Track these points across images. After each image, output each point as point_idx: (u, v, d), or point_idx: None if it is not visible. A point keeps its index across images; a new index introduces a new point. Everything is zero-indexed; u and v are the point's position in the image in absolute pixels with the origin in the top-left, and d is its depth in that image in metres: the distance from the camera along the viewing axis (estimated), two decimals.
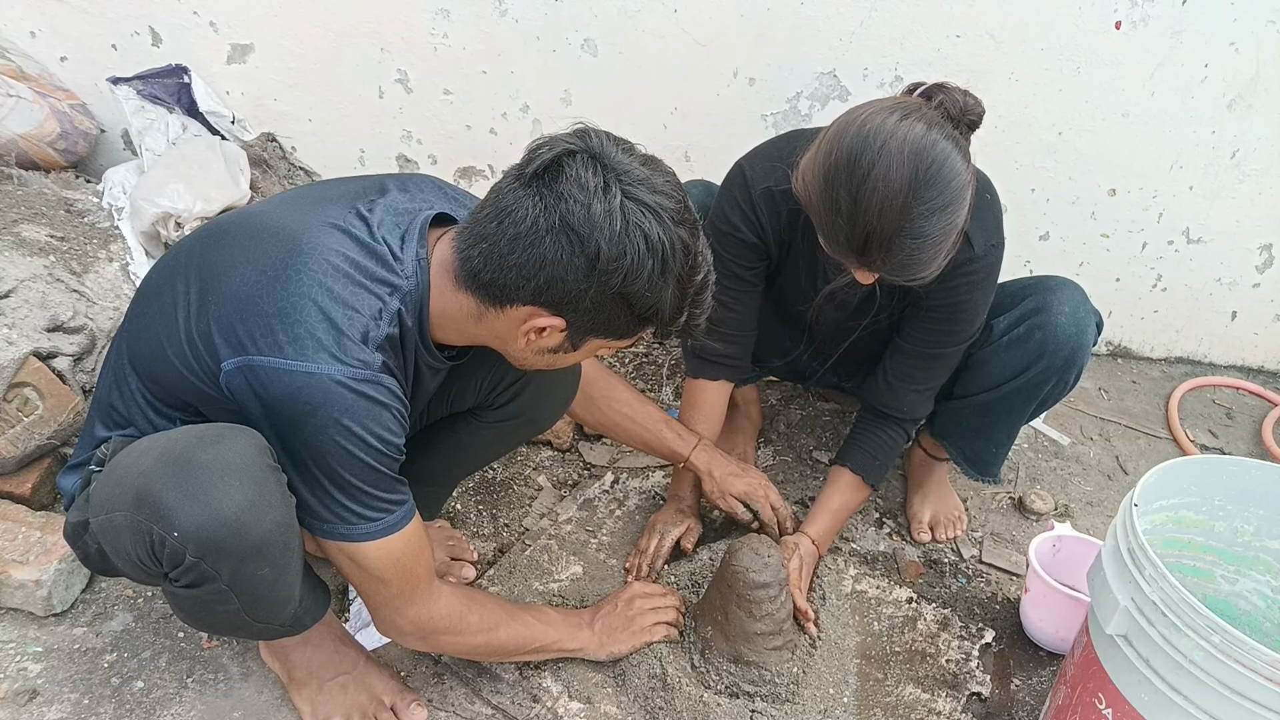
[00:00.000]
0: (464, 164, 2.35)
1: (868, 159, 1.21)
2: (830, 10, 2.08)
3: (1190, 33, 2.09)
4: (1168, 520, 1.33)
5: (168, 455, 1.01)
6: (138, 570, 1.07)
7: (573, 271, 1.00)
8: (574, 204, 0.98)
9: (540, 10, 2.10)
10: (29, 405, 1.55)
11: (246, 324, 1.01)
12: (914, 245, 1.23)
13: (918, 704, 1.50)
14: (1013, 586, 1.78)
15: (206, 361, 1.04)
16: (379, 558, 1.12)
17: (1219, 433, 2.40)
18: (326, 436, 1.01)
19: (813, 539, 1.65)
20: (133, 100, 2.12)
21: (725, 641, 1.46)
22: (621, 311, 1.06)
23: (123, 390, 1.15)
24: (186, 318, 1.06)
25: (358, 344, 1.02)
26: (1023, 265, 2.45)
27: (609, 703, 1.45)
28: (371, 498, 1.08)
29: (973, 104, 1.28)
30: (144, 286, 1.18)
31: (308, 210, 1.11)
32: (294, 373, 0.99)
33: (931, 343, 1.58)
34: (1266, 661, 0.93)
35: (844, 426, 2.17)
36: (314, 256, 1.04)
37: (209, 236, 1.15)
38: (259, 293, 1.02)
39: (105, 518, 1.04)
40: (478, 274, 1.04)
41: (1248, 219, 2.40)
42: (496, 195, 1.04)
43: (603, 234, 0.99)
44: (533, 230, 1.00)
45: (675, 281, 1.05)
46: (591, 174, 0.99)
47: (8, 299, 1.61)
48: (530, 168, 1.02)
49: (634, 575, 1.68)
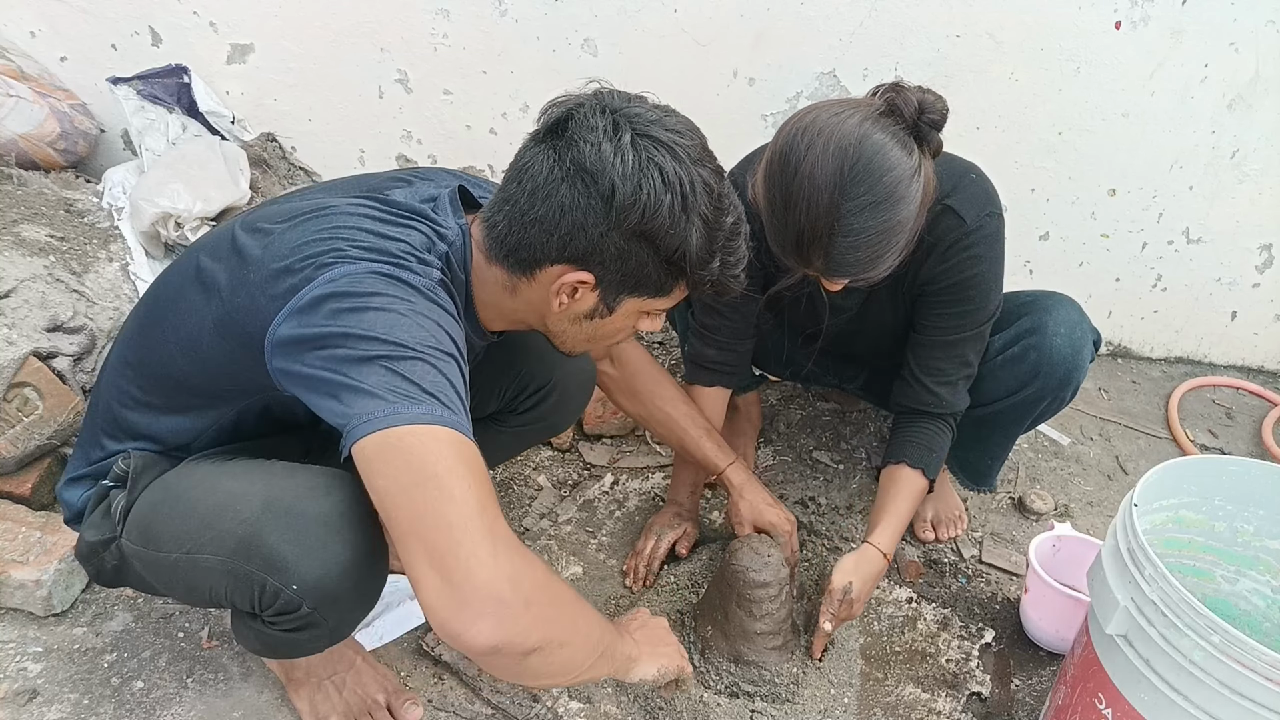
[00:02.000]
0: (464, 164, 2.34)
1: (795, 157, 1.20)
2: (830, 10, 2.08)
3: (1190, 33, 2.09)
4: (1168, 520, 1.33)
5: (275, 506, 1.00)
6: (212, 604, 1.09)
7: (591, 215, 0.98)
8: (584, 145, 0.98)
9: (540, 10, 2.10)
10: (29, 405, 1.55)
11: (287, 278, 0.96)
12: (847, 244, 1.20)
13: (918, 704, 1.50)
14: (1013, 586, 1.78)
15: (251, 333, 0.98)
16: (456, 451, 0.88)
17: (1219, 433, 2.40)
18: (371, 308, 0.92)
19: (882, 550, 1.51)
20: (133, 100, 2.12)
21: (725, 641, 1.46)
22: (648, 256, 1.02)
23: (131, 400, 1.13)
24: (220, 307, 1.02)
25: (412, 258, 1.00)
26: (1022, 265, 2.45)
27: (609, 702, 1.45)
28: (439, 378, 0.92)
29: (931, 101, 1.24)
30: (153, 297, 1.15)
31: (325, 196, 1.10)
32: (340, 274, 0.94)
33: (949, 328, 1.52)
34: (1266, 661, 0.92)
35: (844, 426, 2.17)
36: (342, 211, 1.03)
37: (220, 239, 1.09)
38: (293, 247, 0.98)
39: (187, 557, 1.04)
40: (504, 238, 1.03)
41: (1248, 219, 2.40)
42: (517, 158, 1.04)
43: (615, 170, 0.97)
44: (549, 180, 0.99)
45: (700, 220, 1.01)
46: (600, 117, 0.99)
47: (8, 299, 1.61)
48: (542, 125, 1.02)
49: (631, 577, 1.68)
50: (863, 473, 2.05)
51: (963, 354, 1.54)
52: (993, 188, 1.48)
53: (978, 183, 1.46)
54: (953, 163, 1.45)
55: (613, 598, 1.65)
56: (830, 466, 2.05)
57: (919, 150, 1.23)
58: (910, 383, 1.58)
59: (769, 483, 1.99)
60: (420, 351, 0.91)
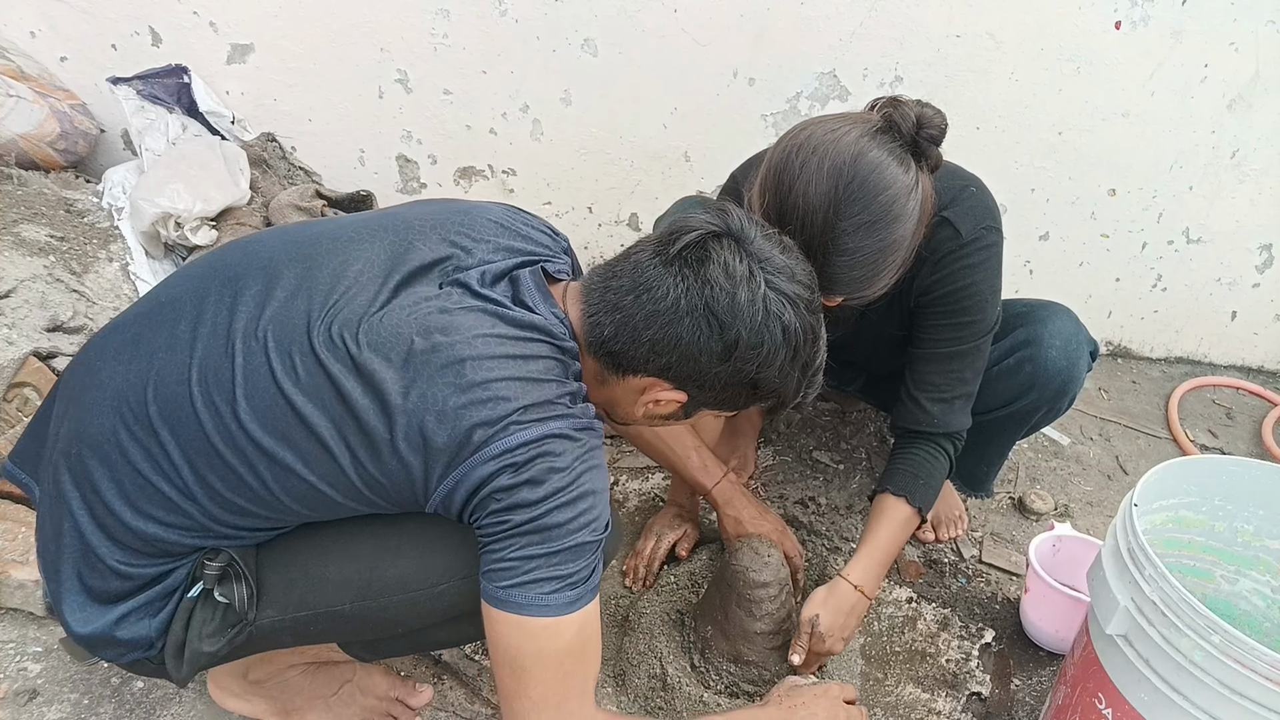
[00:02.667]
0: (464, 164, 2.35)
1: (790, 175, 1.18)
2: (830, 10, 2.08)
3: (1190, 33, 2.09)
4: (1168, 520, 1.33)
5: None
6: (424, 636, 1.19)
7: (708, 355, 1.00)
8: (719, 291, 0.98)
9: (540, 10, 2.10)
10: (29, 405, 1.55)
11: (452, 439, 0.94)
12: (842, 263, 1.19)
13: (918, 704, 1.50)
14: (1013, 586, 1.78)
15: (401, 493, 0.98)
16: (575, 630, 0.99)
17: (1219, 433, 2.40)
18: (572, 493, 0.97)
19: (852, 582, 1.44)
20: (133, 100, 2.12)
21: (725, 641, 1.46)
22: (745, 393, 1.07)
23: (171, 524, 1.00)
24: (352, 456, 0.95)
25: (565, 397, 1.00)
26: (1023, 265, 2.46)
27: (609, 702, 1.45)
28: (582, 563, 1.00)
29: (930, 116, 1.21)
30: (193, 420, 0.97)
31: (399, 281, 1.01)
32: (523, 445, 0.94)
33: (944, 340, 1.47)
34: (1266, 661, 0.92)
35: (844, 426, 2.17)
36: (469, 334, 0.97)
37: (302, 366, 0.96)
38: (452, 400, 0.94)
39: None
40: (606, 342, 1.03)
41: (1248, 219, 2.40)
42: (635, 269, 1.02)
43: (744, 323, 0.99)
44: (672, 310, 0.99)
45: (801, 369, 1.06)
46: (738, 261, 0.99)
47: (8, 299, 1.61)
48: (675, 247, 1.01)
49: (631, 577, 1.68)
50: (863, 473, 2.05)
51: (958, 370, 1.48)
52: (993, 202, 1.45)
53: (977, 196, 1.43)
54: (954, 175, 1.43)
55: (613, 598, 1.66)
56: (830, 466, 2.05)
57: (917, 166, 1.21)
58: (906, 401, 1.53)
59: (769, 483, 1.99)
60: (602, 537, 1.00)
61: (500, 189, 2.37)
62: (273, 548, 1.07)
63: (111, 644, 1.02)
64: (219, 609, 1.04)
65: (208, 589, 1.03)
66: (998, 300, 1.48)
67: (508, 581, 0.95)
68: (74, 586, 1.00)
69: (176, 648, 1.04)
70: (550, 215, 2.43)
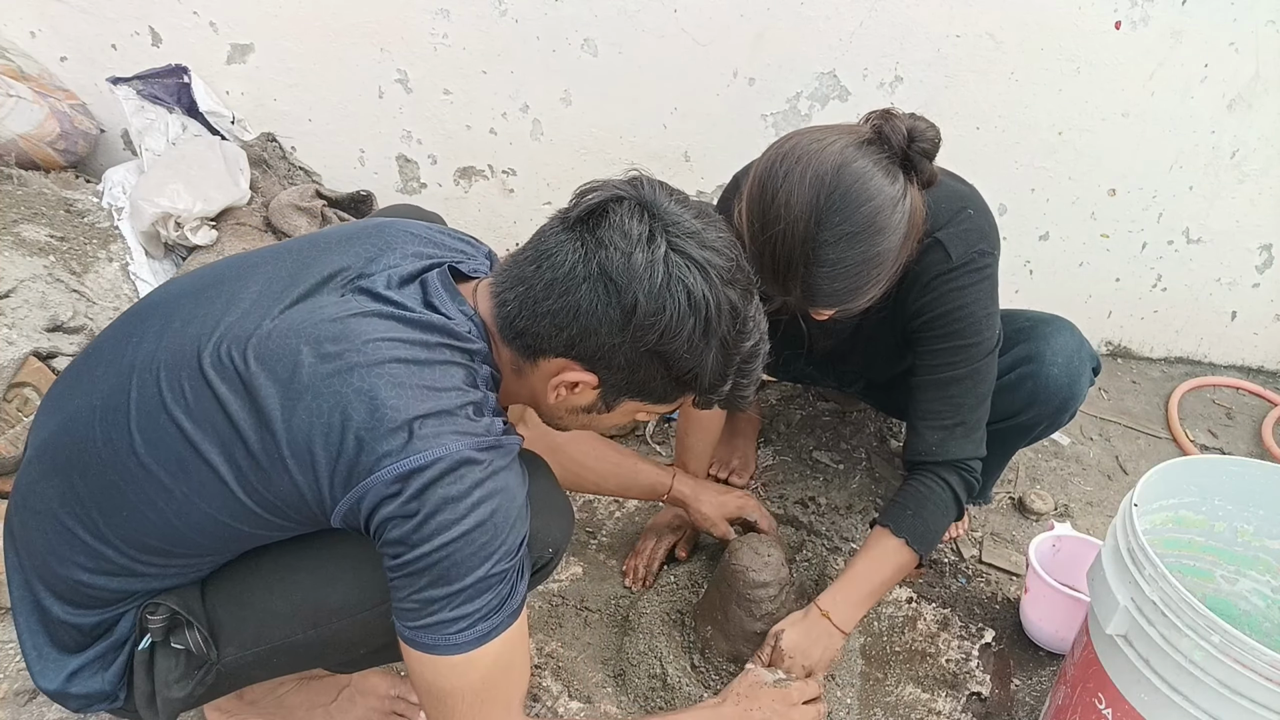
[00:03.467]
0: (464, 164, 2.35)
1: (773, 185, 1.17)
2: (830, 10, 2.08)
3: (1190, 33, 2.09)
4: (1168, 520, 1.33)
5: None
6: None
7: (607, 323, 0.93)
8: (614, 251, 0.91)
9: (540, 10, 2.10)
10: (29, 405, 1.55)
11: (349, 453, 0.88)
12: (823, 275, 1.18)
13: (918, 704, 1.50)
14: (1013, 586, 1.78)
15: (297, 509, 0.93)
16: (491, 660, 0.96)
17: (1219, 433, 2.40)
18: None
19: (824, 610, 1.40)
20: (133, 100, 2.12)
21: (725, 641, 1.46)
22: (658, 372, 0.98)
23: (102, 569, 0.97)
24: (244, 475, 0.91)
25: (469, 407, 0.92)
26: (1023, 265, 2.46)
27: (609, 702, 1.45)
28: (518, 587, 0.97)
29: (923, 129, 1.19)
30: (97, 461, 0.94)
31: (301, 309, 0.95)
32: (425, 466, 0.87)
33: (939, 365, 1.43)
34: (1266, 661, 0.92)
35: (844, 426, 2.17)
36: (368, 339, 0.91)
37: (184, 376, 0.92)
38: (323, 404, 0.88)
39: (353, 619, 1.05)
40: (512, 320, 0.97)
41: (1248, 219, 2.40)
42: (539, 238, 0.97)
43: (641, 285, 0.91)
44: (569, 276, 0.93)
45: (719, 345, 0.97)
46: (637, 221, 0.93)
47: (8, 299, 1.61)
48: (575, 211, 0.95)
49: (631, 577, 1.68)
50: (862, 473, 2.05)
51: (956, 395, 1.43)
52: (991, 225, 1.42)
53: (974, 219, 1.39)
54: (954, 195, 1.40)
55: (613, 598, 1.66)
56: (830, 466, 2.05)
57: (905, 179, 1.19)
58: (909, 430, 1.50)
59: (769, 483, 1.99)
60: (513, 563, 0.94)
61: (500, 189, 2.38)
62: (218, 584, 1.03)
63: (70, 698, 1.01)
64: (180, 655, 1.01)
65: (157, 641, 1.00)
66: (994, 323, 1.43)
67: (414, 623, 0.91)
68: (29, 642, 1.00)
69: (147, 698, 1.01)
70: (550, 215, 2.43)
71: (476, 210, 2.42)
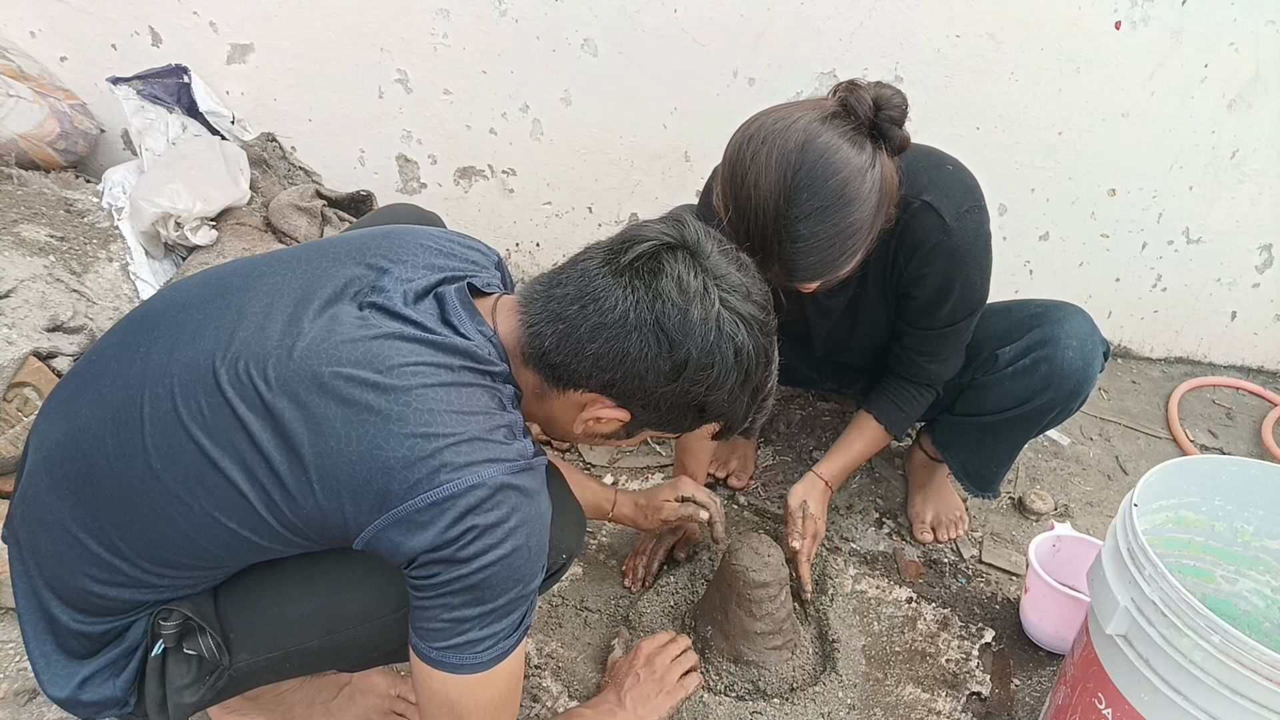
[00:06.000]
0: (464, 164, 2.35)
1: (741, 167, 1.18)
2: (830, 10, 2.08)
3: (1190, 33, 2.09)
4: (1168, 520, 1.33)
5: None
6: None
7: (655, 373, 0.95)
8: (671, 306, 0.93)
9: (540, 10, 2.10)
10: (29, 405, 1.55)
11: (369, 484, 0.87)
12: (799, 250, 1.19)
13: (918, 704, 1.50)
14: (1013, 586, 1.78)
15: (329, 534, 0.93)
16: (506, 676, 0.98)
17: (1219, 433, 2.40)
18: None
19: (825, 479, 1.68)
20: (133, 100, 2.12)
21: (725, 641, 1.46)
22: (692, 415, 1.02)
23: (116, 581, 0.97)
24: (265, 496, 0.90)
25: (500, 430, 0.93)
26: (1023, 265, 2.45)
27: None
28: (527, 613, 0.97)
29: (889, 96, 1.19)
30: (121, 476, 0.93)
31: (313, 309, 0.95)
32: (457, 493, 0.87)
33: (939, 324, 1.51)
34: (1266, 661, 0.92)
35: (844, 426, 2.16)
36: (386, 373, 0.89)
37: (209, 405, 0.91)
38: (362, 438, 0.87)
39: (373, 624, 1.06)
40: (548, 354, 0.97)
41: (1248, 219, 2.40)
42: (582, 278, 0.96)
43: (695, 342, 0.94)
44: (620, 323, 0.93)
45: (750, 393, 1.02)
46: (692, 275, 0.94)
47: (8, 299, 1.61)
48: (626, 257, 0.95)
49: (630, 577, 1.68)
50: (862, 472, 2.05)
51: (955, 338, 1.56)
52: (972, 178, 1.43)
53: (955, 175, 1.41)
54: (929, 155, 1.42)
55: (612, 598, 1.66)
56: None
57: (874, 148, 1.20)
58: (903, 357, 1.61)
59: (769, 483, 1.99)
60: (532, 592, 0.96)
61: (500, 189, 2.38)
62: (231, 592, 1.03)
63: (80, 706, 1.01)
64: (192, 660, 1.02)
65: (169, 647, 1.01)
66: (987, 275, 1.49)
67: (442, 643, 0.92)
68: (37, 649, 1.00)
69: (158, 703, 1.02)
70: (550, 215, 2.43)
71: (476, 210, 2.42)
